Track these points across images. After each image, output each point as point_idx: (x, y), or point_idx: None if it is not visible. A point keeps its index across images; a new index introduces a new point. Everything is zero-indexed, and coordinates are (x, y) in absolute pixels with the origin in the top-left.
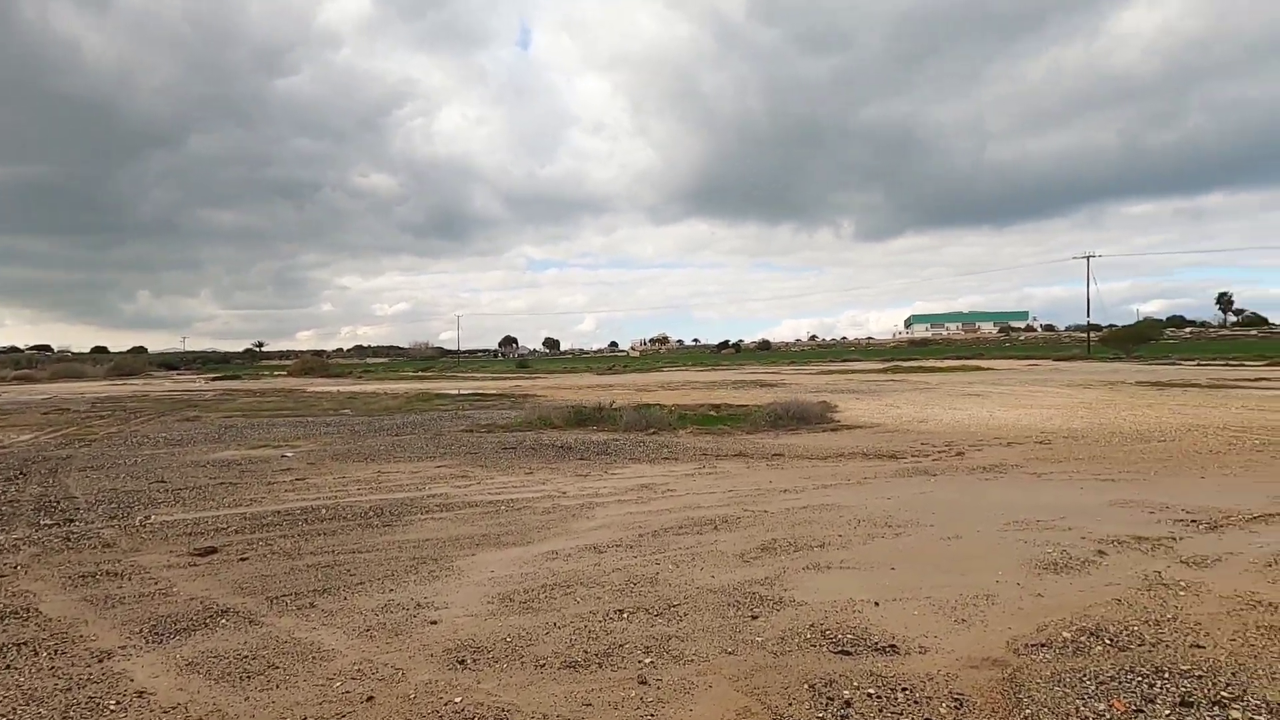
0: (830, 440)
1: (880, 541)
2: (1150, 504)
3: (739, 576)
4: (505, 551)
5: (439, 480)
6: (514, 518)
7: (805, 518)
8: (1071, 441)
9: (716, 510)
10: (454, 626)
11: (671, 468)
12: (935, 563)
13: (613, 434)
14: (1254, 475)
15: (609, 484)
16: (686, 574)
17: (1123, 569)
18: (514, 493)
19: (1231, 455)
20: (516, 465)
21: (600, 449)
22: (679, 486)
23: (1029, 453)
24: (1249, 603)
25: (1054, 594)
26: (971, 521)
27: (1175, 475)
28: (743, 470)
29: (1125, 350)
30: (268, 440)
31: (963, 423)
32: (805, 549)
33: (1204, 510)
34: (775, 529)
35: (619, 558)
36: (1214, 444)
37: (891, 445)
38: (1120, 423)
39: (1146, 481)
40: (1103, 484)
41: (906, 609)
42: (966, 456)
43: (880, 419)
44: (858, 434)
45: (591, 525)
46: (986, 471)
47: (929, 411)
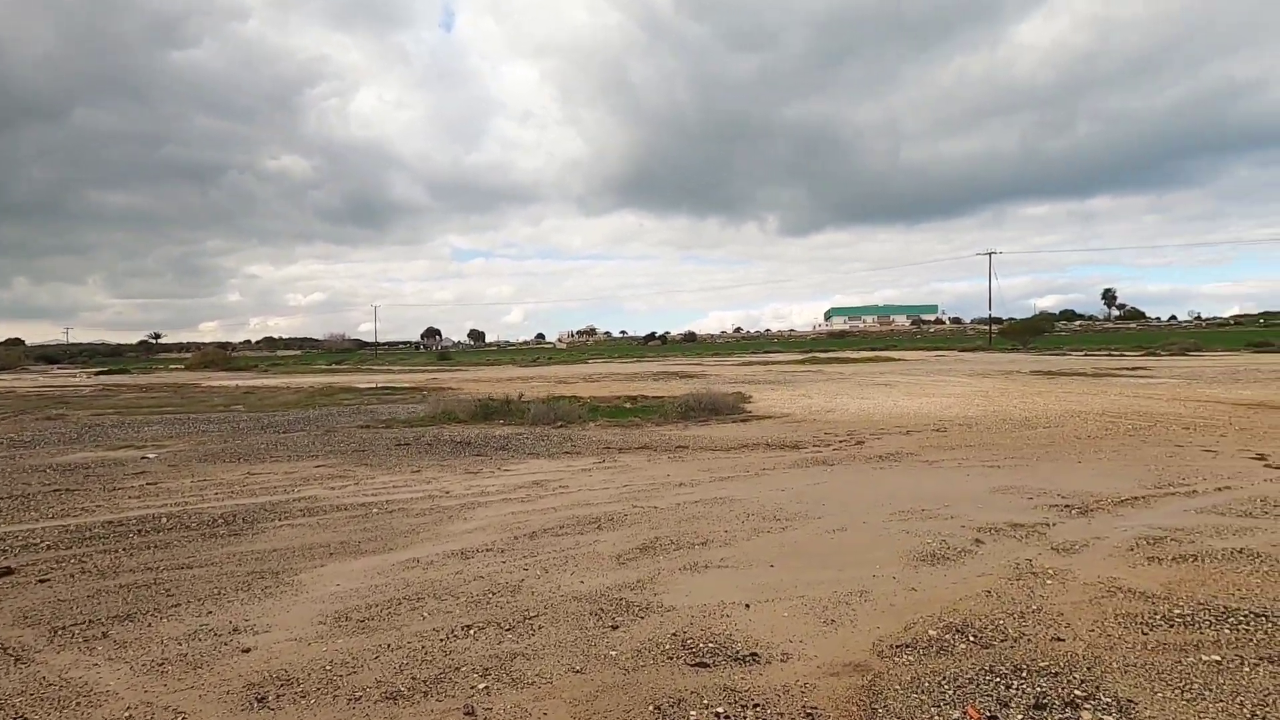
0: (738, 431)
1: (765, 537)
2: (1030, 490)
3: (610, 580)
4: (360, 561)
5: (313, 481)
6: (383, 522)
7: (695, 513)
8: (965, 429)
9: (605, 507)
10: (269, 655)
11: (570, 462)
12: (816, 558)
13: (519, 428)
14: (1124, 459)
15: (499, 481)
16: (554, 580)
17: (996, 558)
18: (393, 493)
19: (1107, 440)
20: (405, 463)
21: (501, 444)
22: (573, 483)
23: (925, 440)
24: (1109, 589)
25: (928, 587)
26: (860, 512)
27: (1055, 460)
28: (643, 464)
29: (1022, 342)
30: (133, 440)
31: (867, 412)
32: (687, 547)
33: (1077, 495)
34: (661, 526)
35: (485, 564)
36: (1092, 429)
37: (796, 435)
38: (1011, 410)
39: (1029, 467)
40: (989, 470)
41: (777, 611)
42: (866, 445)
43: (790, 409)
44: (766, 424)
45: (466, 528)
46: (883, 460)
47: (837, 401)
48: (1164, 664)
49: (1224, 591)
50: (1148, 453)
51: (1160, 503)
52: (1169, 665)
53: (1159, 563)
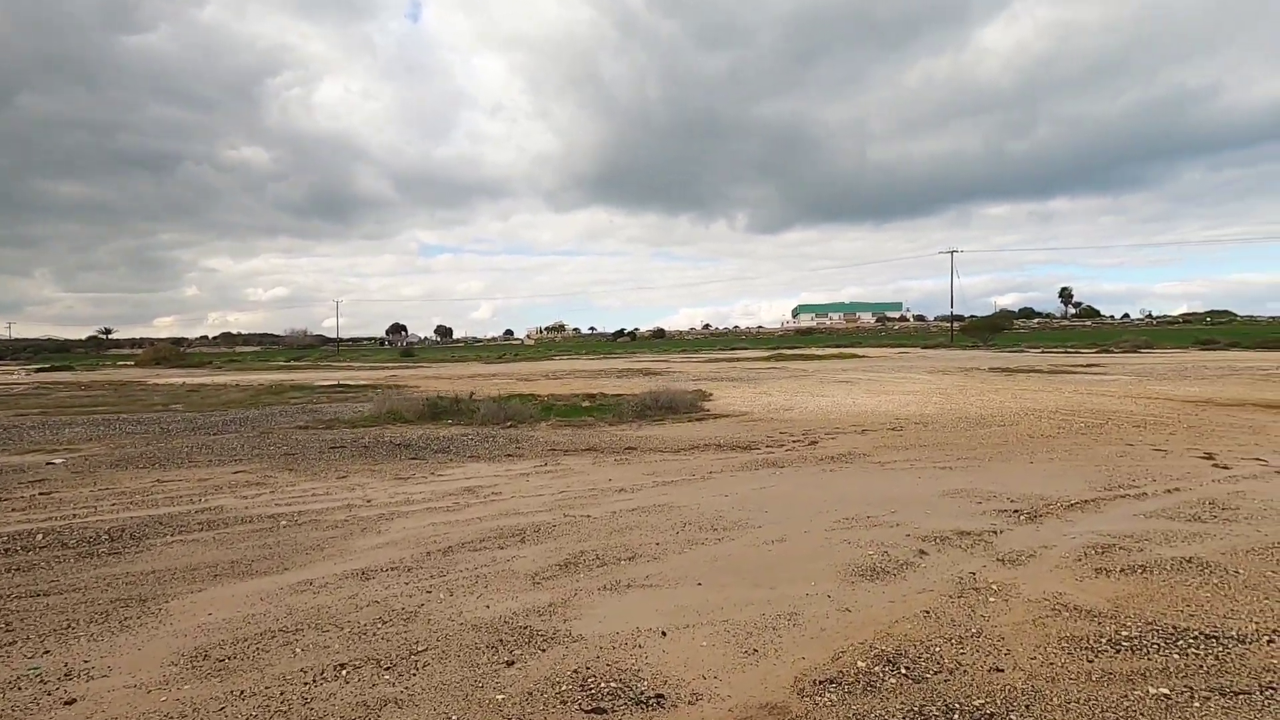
0: (692, 431)
1: (699, 550)
2: (980, 493)
3: (520, 604)
4: (246, 584)
5: (226, 490)
6: (287, 536)
7: (629, 523)
8: (921, 428)
9: (534, 517)
10: (94, 707)
11: (510, 466)
12: (749, 573)
13: (466, 428)
14: (1076, 459)
15: (429, 488)
16: (457, 605)
17: (939, 571)
18: (309, 503)
19: (1060, 439)
20: (334, 468)
21: (443, 446)
22: (508, 489)
23: (880, 440)
24: (1055, 607)
25: (863, 607)
26: (803, 520)
27: (1007, 461)
28: (587, 467)
29: (982, 339)
30: (48, 443)
31: (826, 410)
32: (612, 563)
33: (1028, 499)
34: (590, 538)
35: (385, 586)
36: (1046, 428)
37: (751, 435)
38: (968, 408)
39: (980, 468)
40: (940, 472)
41: (696, 639)
42: (820, 445)
43: (749, 407)
44: (722, 423)
45: (378, 542)
46: (835, 462)
47: (797, 399)
48: (1109, 699)
49: (1173, 608)
50: (1099, 452)
51: (1110, 506)
52: (1114, 701)
53: (1107, 575)
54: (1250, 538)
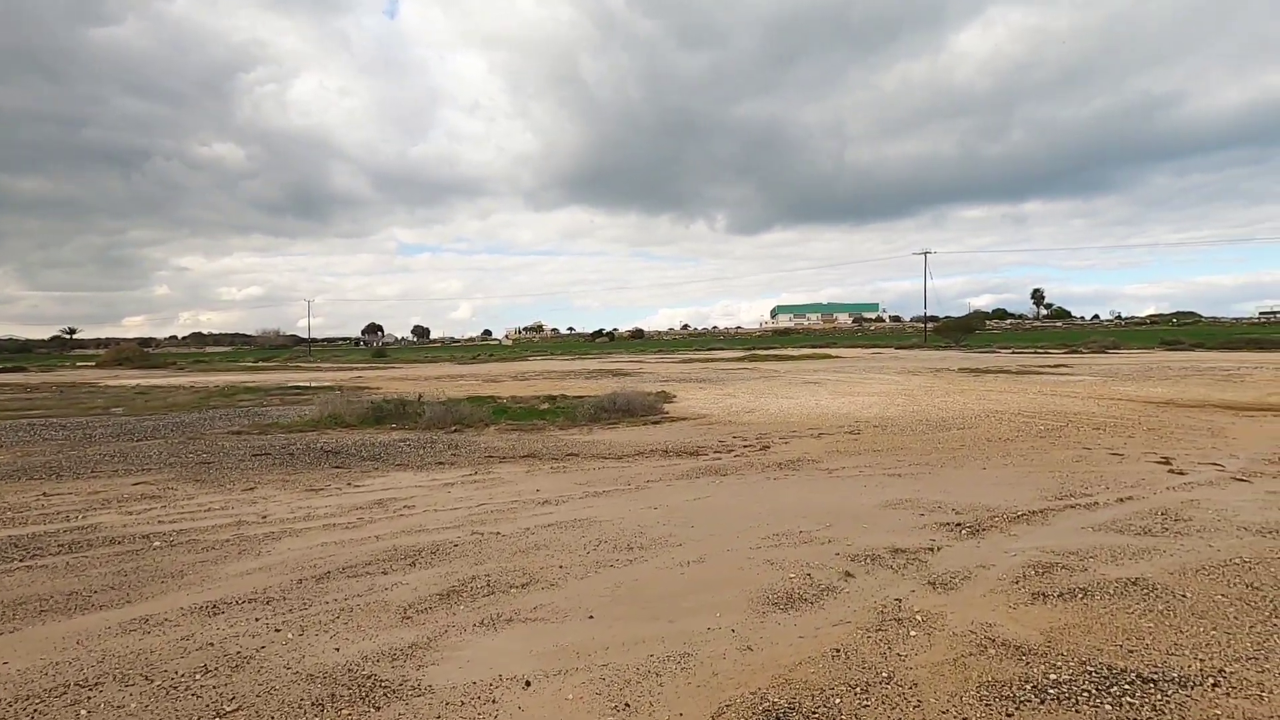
0: (644, 435)
1: (605, 573)
2: (925, 503)
3: (376, 645)
4: (73, 621)
5: (115, 504)
6: (152, 560)
7: (540, 540)
8: (880, 431)
9: (439, 535)
10: None
11: (437, 475)
12: (651, 603)
13: (409, 433)
14: (1031, 465)
15: (337, 501)
16: (303, 647)
17: (863, 597)
18: (199, 519)
19: (1018, 442)
20: (247, 478)
21: (374, 453)
22: (424, 501)
23: (835, 444)
24: (981, 643)
25: (768, 644)
26: (729, 537)
27: (961, 466)
28: (519, 476)
29: (955, 339)
30: None
31: (787, 412)
32: (502, 591)
33: (973, 510)
34: (489, 560)
35: (232, 622)
36: (1006, 431)
37: (703, 439)
38: (929, 410)
39: (931, 475)
40: (889, 480)
41: (562, 690)
42: (771, 450)
43: (710, 409)
44: (677, 427)
45: (250, 566)
46: (782, 469)
47: (761, 401)
48: None
49: (1111, 642)
50: (1055, 456)
51: (1058, 518)
52: None
53: (1044, 601)
54: (1201, 554)
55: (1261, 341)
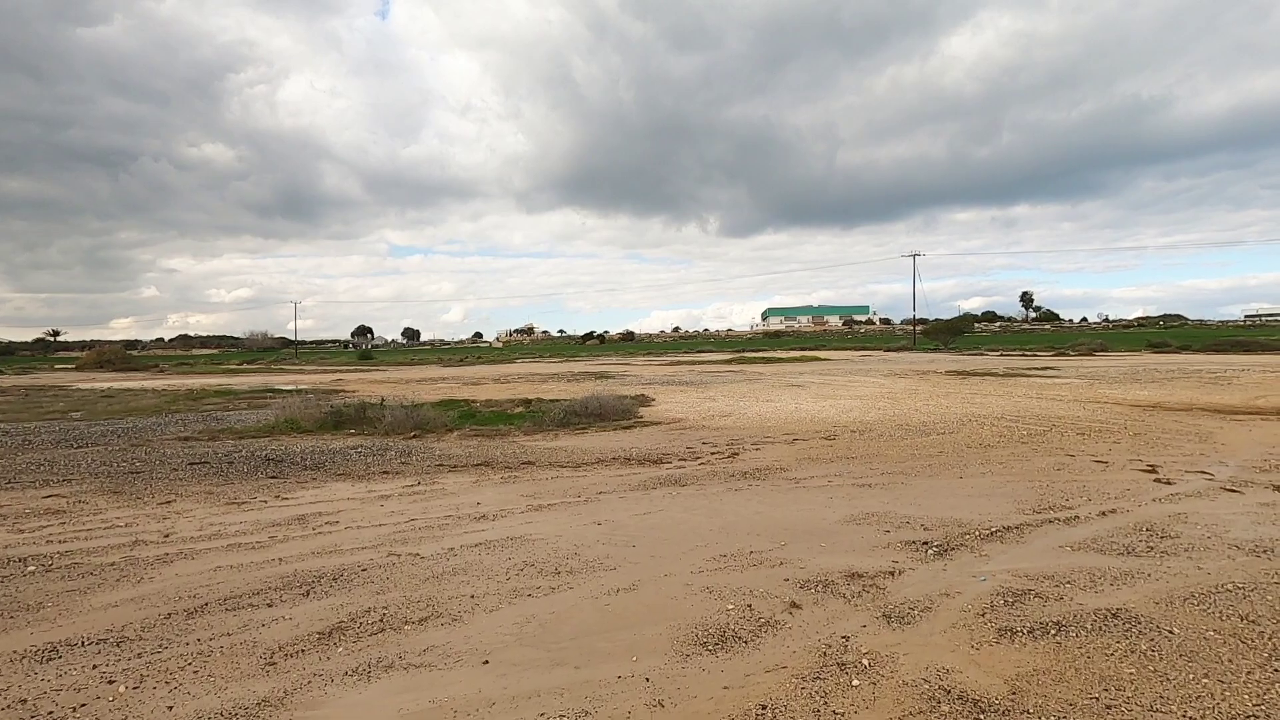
0: (611, 441)
1: (520, 605)
2: (893, 518)
3: (220, 703)
4: None
5: (12, 520)
6: (16, 589)
7: (459, 564)
8: (857, 436)
9: (350, 557)
10: None
11: (376, 486)
12: (560, 644)
13: (366, 439)
14: (1011, 473)
15: (256, 517)
16: (130, 706)
17: (807, 634)
18: (95, 538)
19: (1000, 448)
20: (171, 490)
21: (319, 461)
22: (350, 517)
23: (808, 451)
24: (935, 694)
25: (684, 697)
26: (671, 558)
27: (935, 476)
28: (464, 488)
29: (943, 342)
30: None
31: (765, 416)
32: (394, 628)
33: (944, 525)
34: (395, 587)
35: (60, 672)
36: (987, 436)
37: (672, 445)
38: (911, 414)
39: (904, 485)
40: (858, 491)
41: None
42: (740, 458)
43: (687, 414)
44: (648, 432)
45: (123, 596)
46: (747, 478)
47: (741, 404)
48: None
49: (1086, 694)
50: (1037, 464)
51: (1035, 534)
52: None
53: (1013, 639)
54: (1189, 578)
55: (1248, 344)
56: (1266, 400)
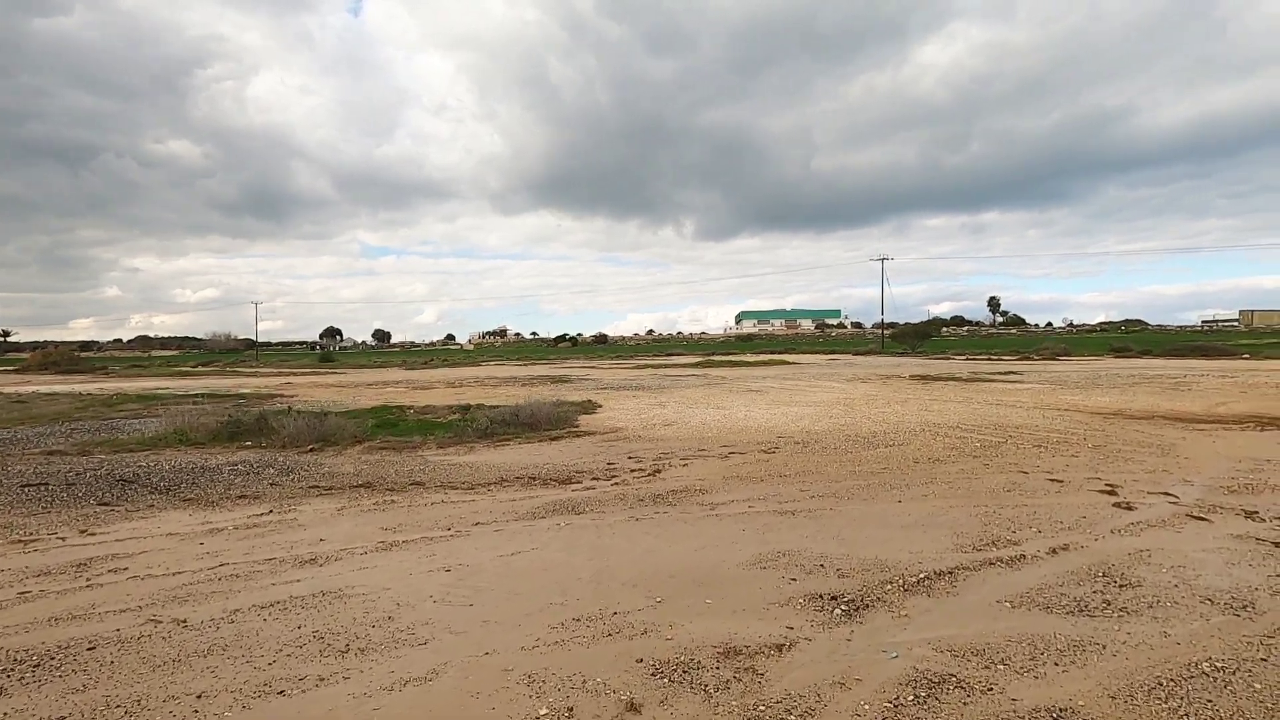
0: (530, 454)
1: (255, 710)
2: (806, 558)
3: None
4: None
5: None
6: None
7: (230, 636)
8: (800, 449)
9: (96, 625)
10: None
11: (216, 517)
12: None
13: (258, 452)
14: (956, 494)
15: (29, 561)
16: None
17: None
18: None
19: (949, 464)
20: None
21: (172, 482)
22: (151, 560)
23: (739, 467)
24: None
25: None
26: (510, 624)
27: (873, 499)
28: (323, 517)
29: (911, 346)
30: None
31: (709, 425)
32: None
33: (864, 570)
34: (110, 679)
35: None
36: (938, 449)
37: (593, 460)
38: (864, 423)
39: (832, 513)
40: (777, 520)
41: None
42: (661, 475)
43: (628, 422)
44: (577, 443)
45: None
46: (656, 503)
47: (690, 412)
48: None
49: None
50: (986, 483)
51: (971, 583)
52: None
53: None
54: (1155, 652)
55: (1206, 349)
56: (1227, 408)
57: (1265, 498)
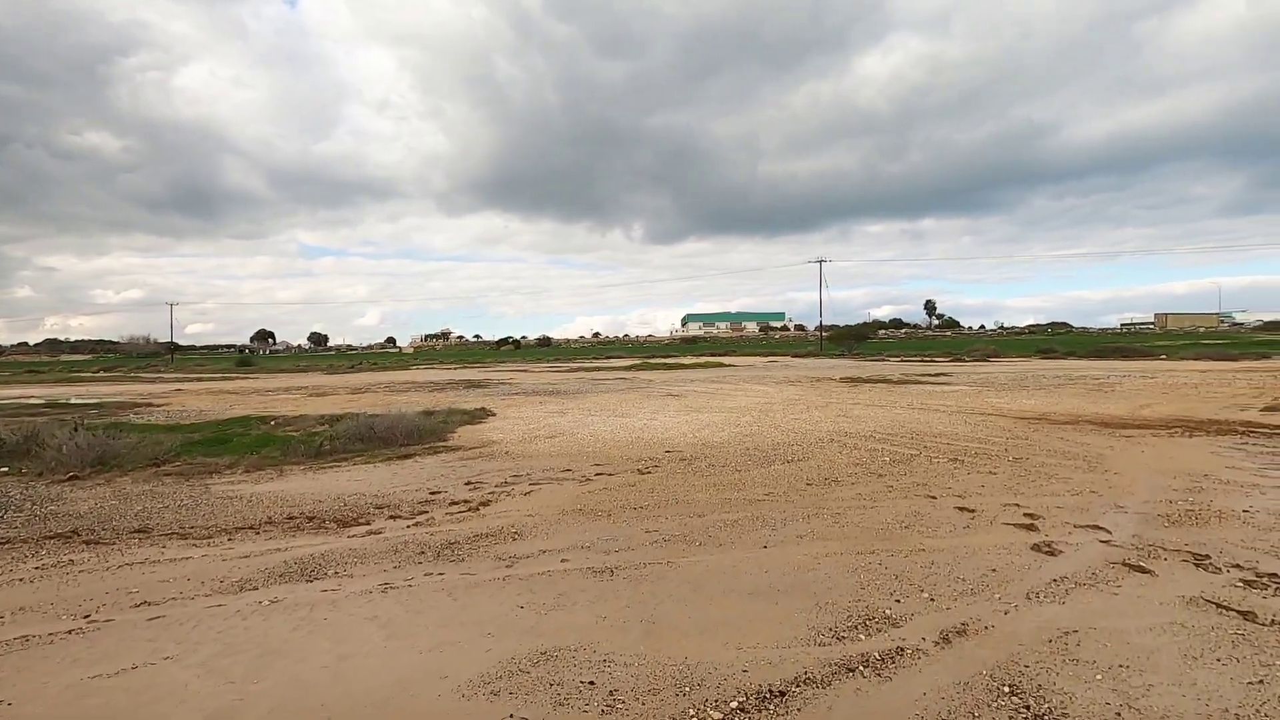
0: (347, 481)
1: None
2: (578, 669)
3: None
4: None
5: None
6: None
7: None
8: (683, 465)
9: None
10: None
11: None
12: None
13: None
14: (841, 534)
15: None
16: None
17: None
18: None
19: (847, 486)
20: None
21: None
22: None
23: (591, 496)
24: None
25: None
26: None
27: (730, 545)
28: None
29: (848, 348)
30: None
31: (600, 437)
32: None
33: (657, 689)
34: None
35: None
36: (842, 465)
37: (421, 488)
38: (771, 432)
39: (669, 568)
40: (583, 585)
41: None
42: (488, 509)
43: (510, 434)
44: (424, 463)
45: None
46: (442, 557)
47: (588, 420)
48: None
49: None
50: (883, 515)
51: (817, 705)
52: None
53: None
54: None
55: (1126, 350)
56: (1151, 410)
57: (1213, 531)
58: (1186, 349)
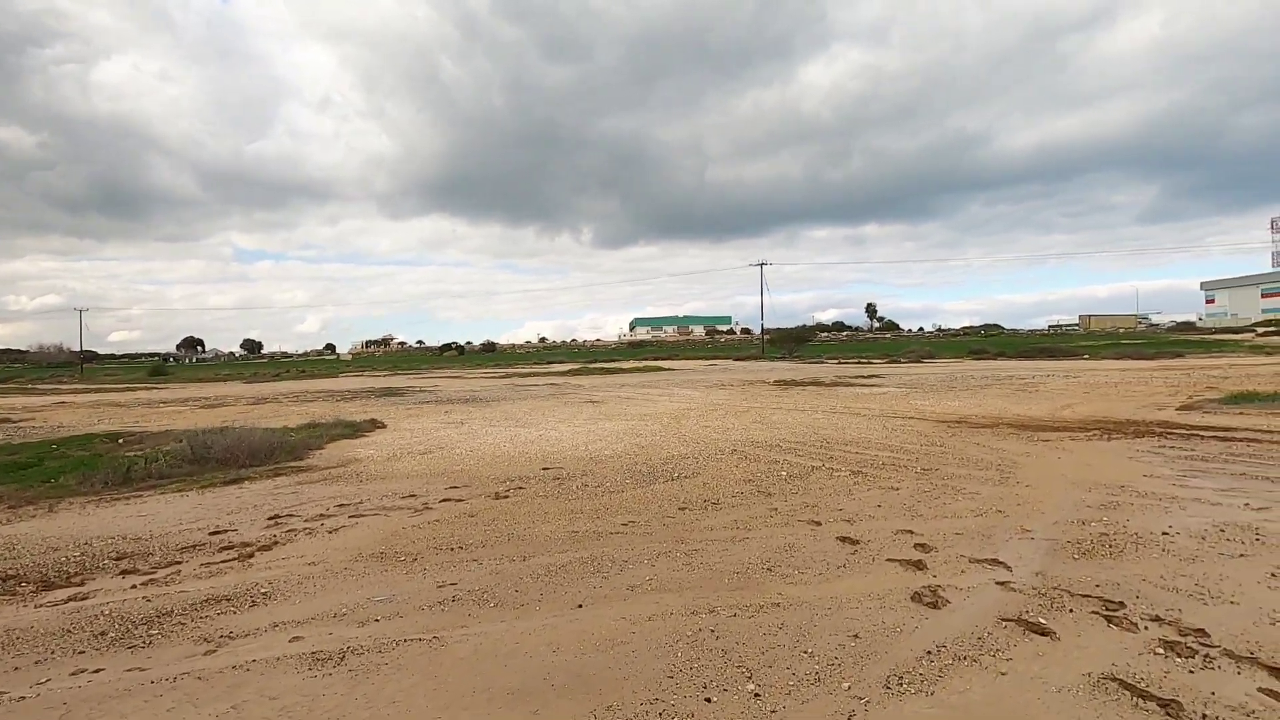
0: (122, 518)
1: None
2: None
3: None
4: None
5: None
6: None
7: None
8: (558, 485)
9: None
10: None
11: None
12: None
13: None
14: (691, 579)
15: None
16: None
17: None
18: None
19: (727, 509)
20: None
21: None
22: None
23: (412, 532)
24: None
25: None
26: None
27: (535, 604)
28: None
29: (789, 350)
30: None
31: (478, 452)
32: None
33: None
34: None
35: None
36: (732, 481)
37: (199, 527)
38: (672, 443)
39: (435, 643)
40: (289, 683)
41: None
42: (258, 558)
43: (385, 451)
44: (242, 491)
45: None
46: (133, 638)
47: (482, 431)
48: None
49: None
50: (751, 551)
51: None
52: None
53: None
54: None
55: (1053, 350)
56: (1072, 410)
57: (1129, 564)
58: (1108, 349)
